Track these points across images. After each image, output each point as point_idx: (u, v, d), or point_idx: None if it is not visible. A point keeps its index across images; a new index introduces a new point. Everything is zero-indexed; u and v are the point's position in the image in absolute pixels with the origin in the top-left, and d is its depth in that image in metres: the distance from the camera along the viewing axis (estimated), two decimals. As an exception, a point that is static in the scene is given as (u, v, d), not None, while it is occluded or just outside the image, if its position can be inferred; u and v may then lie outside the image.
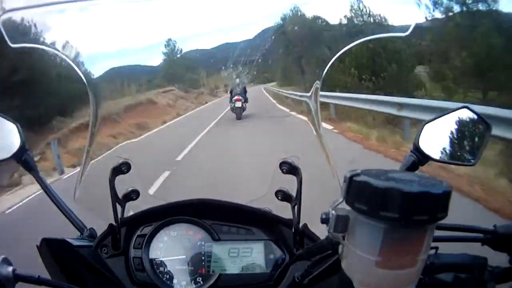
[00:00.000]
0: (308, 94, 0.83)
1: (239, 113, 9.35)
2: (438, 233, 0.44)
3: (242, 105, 9.29)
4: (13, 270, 0.54)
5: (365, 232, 0.39)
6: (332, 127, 7.32)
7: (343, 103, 8.91)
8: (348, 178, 0.40)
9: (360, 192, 0.39)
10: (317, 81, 0.81)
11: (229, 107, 8.29)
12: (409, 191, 0.36)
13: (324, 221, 0.44)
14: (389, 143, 5.60)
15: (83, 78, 0.75)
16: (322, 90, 0.81)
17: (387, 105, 6.71)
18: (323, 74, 0.79)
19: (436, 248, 0.54)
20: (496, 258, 0.60)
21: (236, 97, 9.13)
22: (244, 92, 9.15)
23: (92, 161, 0.80)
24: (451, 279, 0.57)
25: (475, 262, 0.56)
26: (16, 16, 0.67)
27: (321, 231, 0.51)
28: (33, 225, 3.15)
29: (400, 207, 0.36)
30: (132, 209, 0.79)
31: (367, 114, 8.36)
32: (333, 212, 0.42)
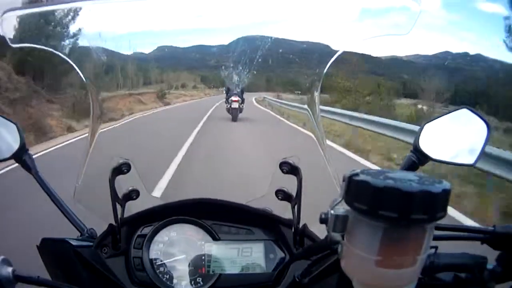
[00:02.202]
0: (305, 107, 0.82)
1: (235, 114, 9.15)
2: (437, 233, 0.44)
3: (239, 106, 9.10)
4: (13, 271, 0.54)
5: (364, 232, 0.39)
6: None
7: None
8: (347, 177, 0.40)
9: (359, 192, 0.39)
10: (316, 81, 0.80)
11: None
12: (408, 190, 0.36)
13: (323, 221, 0.44)
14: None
15: (82, 77, 0.75)
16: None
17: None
18: (323, 74, 0.79)
19: (436, 247, 0.53)
20: (496, 258, 0.59)
21: (232, 98, 8.94)
22: (241, 92, 8.97)
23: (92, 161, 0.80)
24: (450, 279, 0.57)
25: (475, 261, 0.56)
26: (16, 16, 0.67)
27: (321, 231, 0.51)
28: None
29: (399, 206, 0.36)
30: (132, 209, 0.78)
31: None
32: (332, 211, 0.42)
